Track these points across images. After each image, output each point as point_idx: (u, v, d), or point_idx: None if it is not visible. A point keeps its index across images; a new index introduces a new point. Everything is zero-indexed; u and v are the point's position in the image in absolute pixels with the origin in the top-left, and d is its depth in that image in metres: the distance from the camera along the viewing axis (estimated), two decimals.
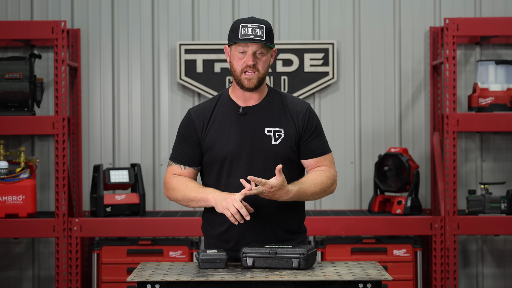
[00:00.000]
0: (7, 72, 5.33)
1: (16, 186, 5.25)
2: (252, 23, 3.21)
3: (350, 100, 5.75)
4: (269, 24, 3.26)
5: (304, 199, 3.27)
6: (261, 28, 3.21)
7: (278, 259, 3.08)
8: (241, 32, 3.20)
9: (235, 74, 3.27)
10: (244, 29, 3.20)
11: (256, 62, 3.23)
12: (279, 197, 3.16)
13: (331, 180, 3.30)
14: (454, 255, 5.24)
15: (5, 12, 5.71)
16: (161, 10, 5.74)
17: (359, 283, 2.92)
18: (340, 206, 5.74)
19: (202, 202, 3.25)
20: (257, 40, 3.19)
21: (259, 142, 3.27)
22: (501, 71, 5.45)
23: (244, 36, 3.20)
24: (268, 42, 3.22)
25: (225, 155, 3.28)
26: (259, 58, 3.23)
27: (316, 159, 3.32)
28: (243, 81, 3.25)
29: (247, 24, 3.21)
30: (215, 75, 5.67)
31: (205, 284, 2.92)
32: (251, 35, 3.19)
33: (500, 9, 5.71)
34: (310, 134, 3.31)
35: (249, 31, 3.20)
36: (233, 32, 3.23)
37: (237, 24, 3.23)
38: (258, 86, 3.27)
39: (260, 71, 3.24)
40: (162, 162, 5.73)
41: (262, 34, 3.21)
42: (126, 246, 5.30)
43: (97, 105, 5.75)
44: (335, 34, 5.74)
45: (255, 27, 3.20)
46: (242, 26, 3.21)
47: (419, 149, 5.75)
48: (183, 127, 3.36)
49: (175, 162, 3.36)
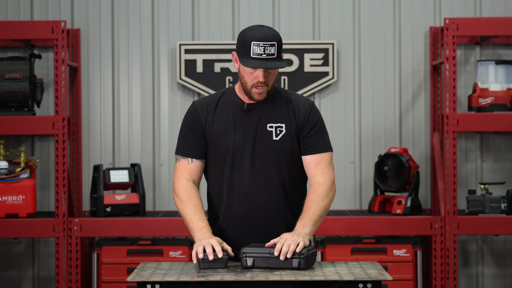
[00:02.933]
0: (7, 72, 5.33)
1: (16, 186, 5.25)
2: (264, 42, 3.16)
3: (350, 100, 5.75)
4: (279, 37, 3.22)
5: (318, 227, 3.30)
6: (272, 46, 3.18)
7: (278, 259, 3.07)
8: (252, 50, 3.17)
9: (244, 86, 3.26)
10: (256, 47, 3.17)
11: (267, 79, 3.23)
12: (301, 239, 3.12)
13: (329, 193, 3.32)
14: (454, 255, 5.24)
15: (5, 12, 5.71)
16: (161, 10, 5.75)
17: (359, 283, 2.92)
18: (340, 206, 5.74)
19: (190, 229, 3.29)
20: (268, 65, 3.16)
21: (261, 138, 3.28)
22: (501, 71, 5.45)
23: (256, 55, 3.16)
24: (279, 59, 3.20)
25: (228, 149, 3.29)
26: (270, 72, 3.24)
27: (314, 156, 3.30)
28: (253, 95, 3.26)
29: (259, 43, 3.16)
30: (215, 75, 5.67)
31: (205, 284, 2.92)
32: (263, 54, 3.17)
33: (500, 9, 5.71)
34: (310, 129, 3.31)
35: (261, 50, 3.17)
36: (245, 47, 3.19)
37: (248, 39, 3.18)
38: (266, 98, 3.29)
39: (269, 84, 3.25)
40: (162, 162, 5.73)
41: (274, 52, 3.18)
42: (126, 246, 5.30)
43: (97, 105, 5.75)
44: (335, 34, 5.74)
45: (267, 46, 3.17)
46: (254, 44, 3.17)
47: (419, 149, 5.75)
48: (188, 119, 3.36)
49: (182, 156, 3.35)
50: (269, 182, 3.29)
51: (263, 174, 3.28)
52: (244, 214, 3.29)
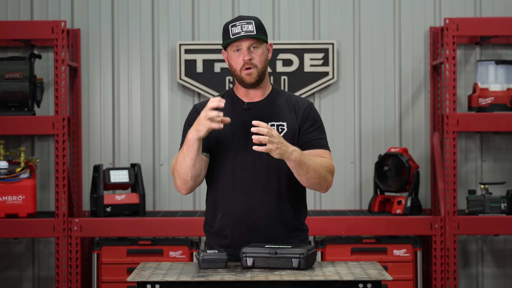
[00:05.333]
0: (7, 72, 5.33)
1: (16, 186, 5.25)
2: (240, 21, 3.28)
3: (350, 100, 5.75)
4: (258, 19, 3.32)
5: (305, 169, 3.18)
6: (249, 24, 3.28)
7: (278, 259, 3.07)
8: (231, 32, 3.27)
9: (235, 74, 3.31)
10: (234, 28, 3.27)
11: (252, 57, 3.27)
12: (286, 148, 3.10)
13: (330, 167, 3.29)
14: (454, 255, 5.24)
15: (5, 12, 5.71)
16: (161, 10, 5.75)
17: (359, 283, 2.92)
18: (340, 206, 5.74)
19: (187, 148, 3.18)
20: (247, 35, 3.25)
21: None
22: (501, 71, 5.45)
23: (235, 35, 3.26)
24: (259, 35, 3.27)
25: (230, 149, 3.29)
26: (254, 52, 3.28)
27: (315, 150, 3.31)
28: (244, 78, 3.29)
29: (236, 23, 3.28)
30: (215, 75, 5.68)
31: (205, 284, 2.92)
32: (241, 32, 3.26)
33: (500, 9, 5.71)
34: (309, 126, 3.33)
35: (239, 29, 3.27)
36: (225, 34, 3.30)
37: (226, 26, 3.30)
38: (259, 81, 3.31)
39: (258, 66, 3.29)
40: (162, 162, 5.73)
41: (252, 29, 3.27)
42: (126, 246, 5.30)
43: (97, 105, 5.75)
44: (335, 34, 5.74)
45: (243, 24, 3.27)
46: (231, 26, 3.28)
47: (419, 149, 5.75)
48: (189, 119, 3.36)
49: None
50: (270, 181, 3.29)
51: (265, 173, 3.28)
52: (245, 213, 3.29)
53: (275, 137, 3.09)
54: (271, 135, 3.08)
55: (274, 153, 3.10)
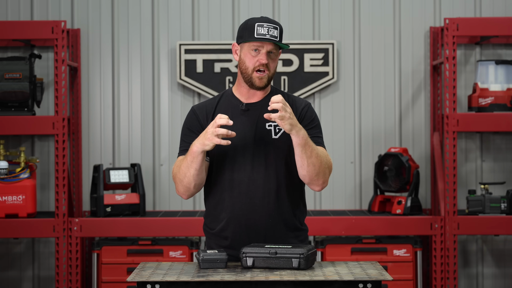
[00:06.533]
0: (7, 72, 5.33)
1: (16, 186, 5.26)
2: (268, 23, 3.26)
3: (350, 100, 5.75)
4: (281, 26, 3.32)
5: (309, 152, 3.19)
6: (275, 29, 3.27)
7: (278, 259, 3.07)
8: (257, 30, 3.24)
9: (245, 72, 3.29)
10: (260, 28, 3.25)
11: (269, 62, 3.27)
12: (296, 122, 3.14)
13: (330, 162, 3.30)
14: (454, 255, 5.24)
15: (5, 12, 5.71)
16: (161, 10, 5.75)
17: (359, 283, 2.92)
18: (340, 206, 5.74)
19: (191, 159, 3.20)
20: (273, 40, 3.24)
21: (260, 137, 3.30)
22: (501, 71, 5.45)
23: (260, 35, 3.24)
24: (282, 43, 3.29)
25: (228, 150, 3.29)
26: (271, 58, 3.29)
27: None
28: (254, 80, 3.28)
29: (263, 24, 3.26)
30: (215, 75, 5.68)
31: (205, 284, 2.92)
32: (267, 34, 3.25)
33: (500, 9, 5.71)
34: (306, 125, 3.33)
35: (265, 30, 3.25)
36: (248, 30, 3.26)
37: (252, 22, 3.26)
38: (267, 85, 3.32)
39: (271, 71, 3.30)
40: (162, 162, 5.73)
41: (277, 35, 3.27)
42: (126, 246, 5.30)
43: (97, 105, 5.75)
44: (335, 34, 5.74)
45: (270, 27, 3.26)
46: (258, 25, 3.25)
47: (419, 149, 5.75)
48: (187, 121, 3.37)
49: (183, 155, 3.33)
50: (269, 181, 3.29)
51: (263, 173, 3.28)
52: (245, 214, 3.29)
53: (288, 107, 3.12)
54: (285, 104, 3.12)
55: (286, 123, 3.11)
